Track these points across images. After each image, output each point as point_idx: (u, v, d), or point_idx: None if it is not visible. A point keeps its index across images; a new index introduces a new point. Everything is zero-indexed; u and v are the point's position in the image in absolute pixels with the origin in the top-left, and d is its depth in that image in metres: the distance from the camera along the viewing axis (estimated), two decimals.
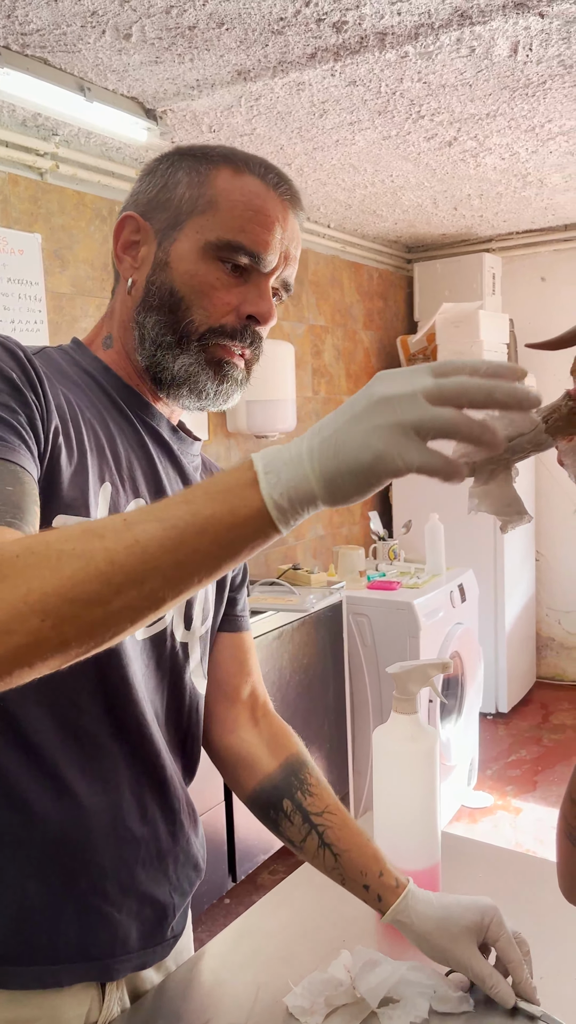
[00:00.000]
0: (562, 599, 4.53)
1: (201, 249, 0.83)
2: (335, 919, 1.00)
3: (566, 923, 0.99)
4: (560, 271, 4.30)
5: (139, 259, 0.86)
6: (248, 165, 0.85)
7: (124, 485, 0.84)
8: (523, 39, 1.90)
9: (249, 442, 3.36)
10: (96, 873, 0.82)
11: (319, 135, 2.56)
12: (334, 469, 0.55)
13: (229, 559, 0.57)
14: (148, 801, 0.86)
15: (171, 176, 0.86)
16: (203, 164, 0.85)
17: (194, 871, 0.95)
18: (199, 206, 0.83)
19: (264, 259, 0.84)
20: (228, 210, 0.83)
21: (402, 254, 4.41)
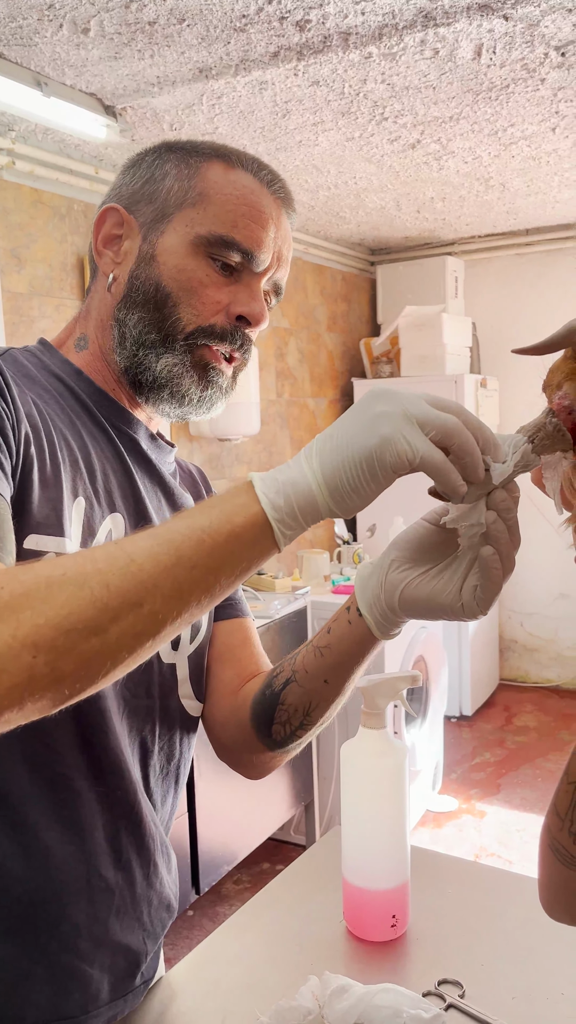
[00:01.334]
0: (525, 601, 4.56)
1: (191, 243, 0.78)
2: (302, 942, 0.97)
3: (536, 940, 0.97)
4: (522, 275, 4.33)
5: (121, 254, 0.81)
6: (241, 161, 0.81)
7: (99, 499, 0.78)
8: (487, 42, 1.89)
9: (212, 445, 3.32)
10: (68, 929, 0.76)
11: (282, 135, 2.53)
12: (337, 462, 0.54)
13: (229, 574, 0.55)
14: (124, 844, 0.80)
15: (158, 168, 0.81)
16: (193, 157, 0.81)
17: (167, 912, 0.89)
18: (189, 198, 0.79)
19: (257, 258, 0.79)
20: (220, 204, 0.78)
21: (365, 257, 4.41)
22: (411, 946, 0.96)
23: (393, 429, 0.54)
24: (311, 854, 1.18)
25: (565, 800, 0.65)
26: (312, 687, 0.82)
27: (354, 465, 0.54)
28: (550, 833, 0.65)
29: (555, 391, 0.63)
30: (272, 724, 0.85)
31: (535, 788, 3.37)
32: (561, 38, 1.89)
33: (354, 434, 0.54)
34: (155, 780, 0.87)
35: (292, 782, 2.68)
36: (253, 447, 3.58)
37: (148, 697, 0.84)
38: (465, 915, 1.02)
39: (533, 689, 4.51)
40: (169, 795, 0.91)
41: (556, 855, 0.65)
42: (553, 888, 0.67)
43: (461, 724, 4.02)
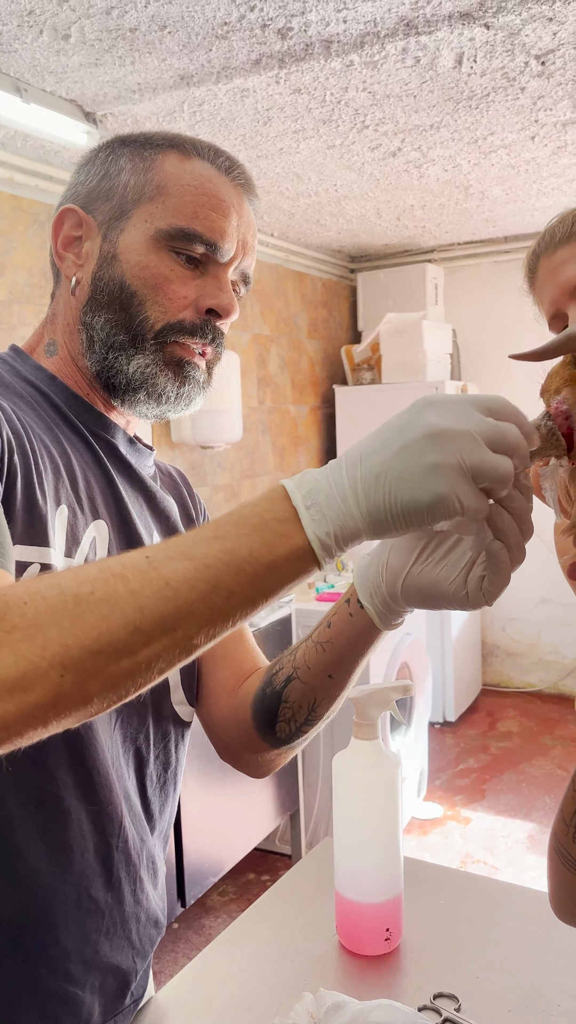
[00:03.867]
0: (506, 606, 4.58)
1: (152, 239, 0.76)
2: (295, 958, 0.96)
3: (530, 951, 0.96)
4: (501, 282, 4.35)
5: (83, 255, 0.79)
6: (196, 149, 0.79)
7: (82, 506, 0.76)
8: (468, 50, 1.90)
9: (194, 452, 3.30)
10: (58, 953, 0.74)
11: (263, 143, 2.53)
12: (385, 507, 0.52)
13: (266, 599, 0.53)
14: (115, 863, 0.78)
15: (112, 164, 0.79)
16: (147, 149, 0.79)
17: (155, 928, 0.87)
18: (146, 193, 0.77)
19: (221, 247, 0.77)
20: (179, 196, 0.76)
21: (345, 264, 4.41)
22: (405, 960, 0.95)
23: (448, 488, 0.50)
24: (300, 867, 1.16)
25: (570, 807, 0.65)
26: (316, 683, 0.80)
27: (404, 514, 0.51)
28: (556, 838, 0.66)
29: (553, 396, 0.63)
30: (276, 722, 0.83)
31: (519, 794, 3.38)
32: (541, 47, 1.90)
33: (406, 483, 0.51)
34: (152, 789, 0.85)
35: (277, 791, 2.66)
36: (235, 454, 3.57)
37: (141, 704, 0.83)
38: (457, 927, 1.02)
39: (515, 694, 4.52)
40: (167, 803, 0.90)
41: (561, 859, 0.65)
42: (560, 891, 0.67)
43: (445, 730, 4.02)
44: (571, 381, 0.62)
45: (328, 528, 0.52)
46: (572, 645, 4.38)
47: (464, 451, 0.50)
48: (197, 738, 0.92)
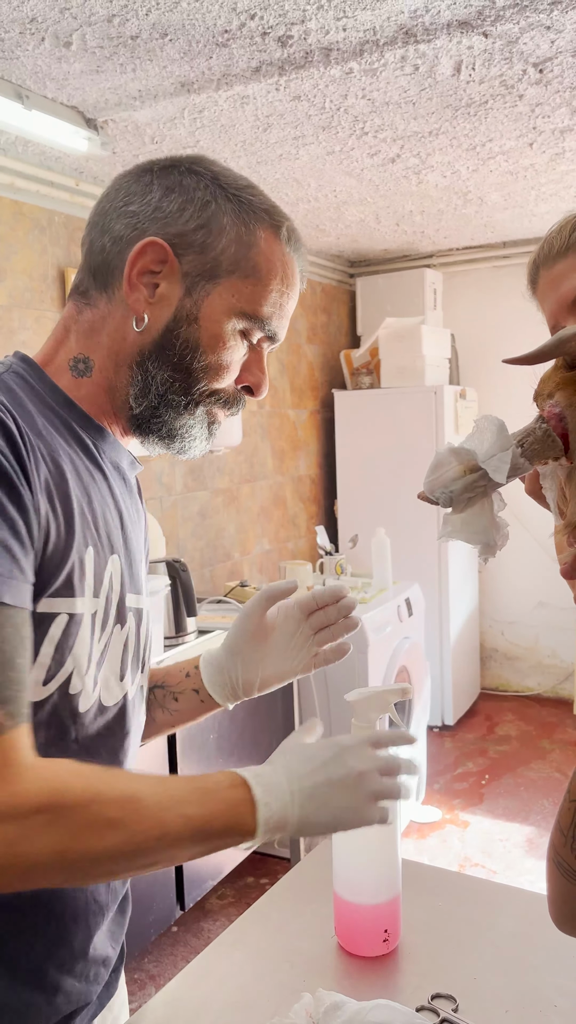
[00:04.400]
0: (505, 610, 4.59)
1: (234, 315, 0.79)
2: (293, 959, 0.96)
3: (527, 952, 0.97)
4: (500, 287, 4.37)
5: (157, 295, 0.78)
6: (288, 235, 0.82)
7: (102, 544, 0.78)
8: (466, 58, 1.92)
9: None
10: (65, 954, 0.78)
11: (263, 149, 2.55)
12: (312, 817, 0.69)
13: (201, 855, 0.68)
14: None
15: (214, 219, 0.78)
16: (251, 218, 0.79)
17: (120, 911, 0.91)
18: (242, 268, 0.78)
19: (278, 337, 0.83)
20: (267, 284, 0.79)
21: (345, 269, 4.43)
22: (403, 961, 0.96)
23: (353, 821, 0.71)
24: (299, 870, 1.17)
25: (567, 817, 0.66)
26: (162, 722, 1.00)
27: (323, 825, 0.70)
28: (554, 849, 0.66)
29: (546, 400, 0.63)
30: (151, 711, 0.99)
31: (518, 797, 3.38)
32: (539, 55, 1.91)
33: (329, 811, 0.70)
34: None
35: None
36: (234, 458, 3.58)
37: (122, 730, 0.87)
38: (455, 928, 1.02)
39: (514, 698, 4.53)
40: None
41: (560, 870, 0.66)
42: (559, 902, 0.68)
43: (443, 734, 4.03)
44: (564, 384, 0.63)
45: (273, 824, 0.68)
46: (570, 649, 4.39)
47: (367, 784, 0.71)
48: (196, 741, 0.96)
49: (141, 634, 0.87)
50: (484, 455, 0.62)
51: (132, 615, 0.84)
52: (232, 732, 2.41)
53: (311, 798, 0.69)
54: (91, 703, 0.76)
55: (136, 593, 0.86)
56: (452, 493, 0.64)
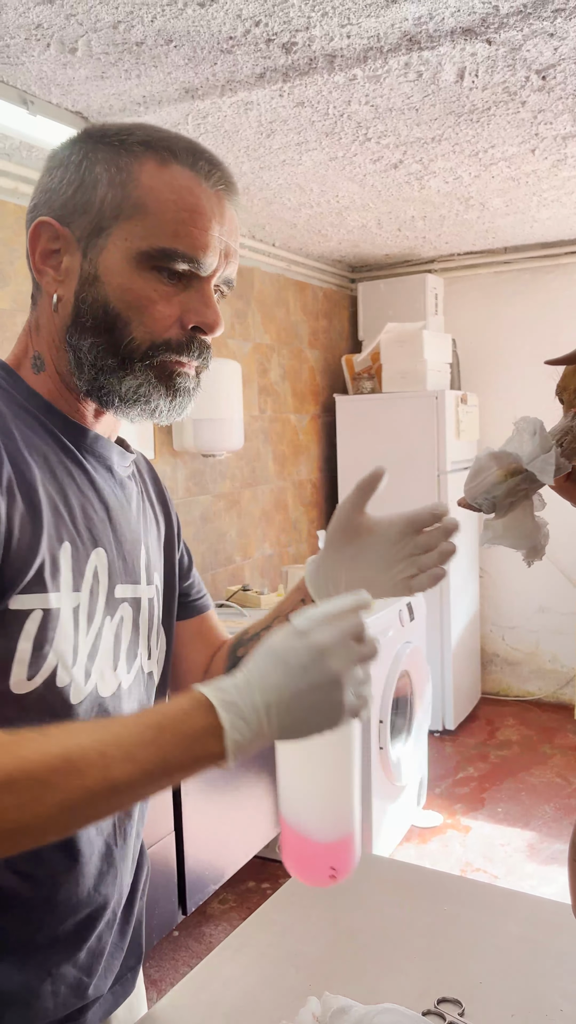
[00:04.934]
0: (505, 615, 4.59)
1: (134, 259, 0.74)
2: (299, 963, 0.96)
3: (531, 956, 0.97)
4: (501, 292, 4.38)
5: (62, 271, 0.78)
6: (174, 153, 0.75)
7: (82, 539, 0.78)
8: (469, 65, 1.93)
9: (196, 461, 3.32)
10: (76, 953, 0.79)
11: (266, 155, 2.55)
12: (289, 730, 0.65)
13: (174, 786, 0.66)
14: (115, 859, 0.83)
15: (87, 173, 0.75)
16: (123, 156, 0.75)
17: (131, 906, 0.92)
18: (125, 209, 0.74)
19: (203, 262, 0.76)
20: (158, 213, 0.74)
21: (346, 273, 4.44)
22: (409, 964, 0.96)
23: (329, 722, 0.66)
24: None
25: None
26: None
27: (299, 732, 0.66)
28: (574, 847, 0.68)
29: (573, 395, 0.65)
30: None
31: (519, 802, 3.38)
32: (542, 62, 1.92)
33: (311, 718, 0.66)
34: None
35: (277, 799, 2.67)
36: (236, 462, 3.58)
37: (140, 708, 0.87)
38: (460, 932, 1.03)
39: (515, 703, 4.52)
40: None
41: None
42: None
43: (444, 739, 4.02)
44: None
45: (244, 744, 0.63)
46: (570, 654, 4.39)
47: (340, 685, 0.66)
48: None
49: (141, 622, 0.86)
50: (528, 457, 0.63)
51: (127, 605, 0.84)
52: None
53: (289, 711, 0.64)
54: (84, 695, 0.76)
55: (132, 583, 0.85)
56: (495, 499, 0.64)
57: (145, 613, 0.88)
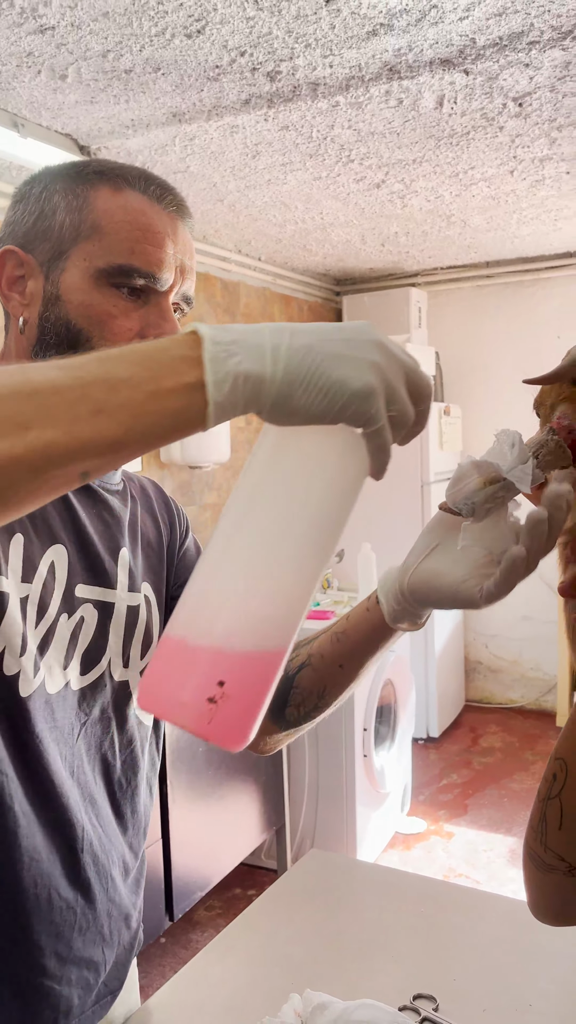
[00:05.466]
0: (488, 623, 4.65)
1: (92, 277, 0.78)
2: (284, 964, 1.01)
3: (505, 955, 1.02)
4: (483, 306, 4.46)
5: (27, 295, 0.81)
6: (127, 179, 0.81)
7: (37, 532, 0.80)
8: (448, 93, 1.99)
9: (183, 472, 3.36)
10: (33, 950, 0.79)
11: (252, 174, 2.61)
12: (306, 377, 0.50)
13: (138, 438, 0.49)
14: (82, 863, 0.83)
15: (47, 202, 0.81)
16: (79, 185, 0.81)
17: (124, 922, 0.92)
18: (82, 232, 0.79)
19: (160, 277, 0.80)
20: (113, 233, 0.78)
21: (331, 287, 4.50)
22: (388, 963, 1.01)
23: (380, 384, 0.52)
24: (286, 879, 1.22)
25: (537, 815, 0.72)
26: (327, 672, 0.86)
27: (322, 394, 0.50)
28: (528, 844, 0.72)
29: (549, 410, 0.69)
30: (286, 707, 0.89)
31: (501, 809, 3.43)
32: (518, 90, 1.99)
33: (340, 365, 0.51)
34: (122, 793, 0.90)
35: (263, 807, 2.71)
36: (223, 473, 3.63)
37: (103, 715, 0.88)
38: (437, 933, 1.07)
39: (498, 710, 4.58)
40: (138, 804, 0.94)
41: (533, 862, 0.72)
42: (535, 892, 0.74)
43: (428, 746, 4.07)
44: (571, 398, 0.69)
45: (229, 372, 0.49)
46: (553, 662, 4.45)
47: (403, 364, 0.54)
48: (185, 754, 0.97)
49: (112, 628, 0.87)
50: (507, 467, 0.68)
51: (90, 607, 0.85)
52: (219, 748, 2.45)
53: (305, 352, 0.51)
54: (33, 688, 0.77)
55: (100, 586, 0.86)
56: (474, 504, 0.69)
57: (122, 619, 0.88)
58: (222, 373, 0.49)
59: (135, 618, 0.90)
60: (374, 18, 1.61)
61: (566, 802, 0.69)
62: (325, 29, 1.66)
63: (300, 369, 0.50)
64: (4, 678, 0.75)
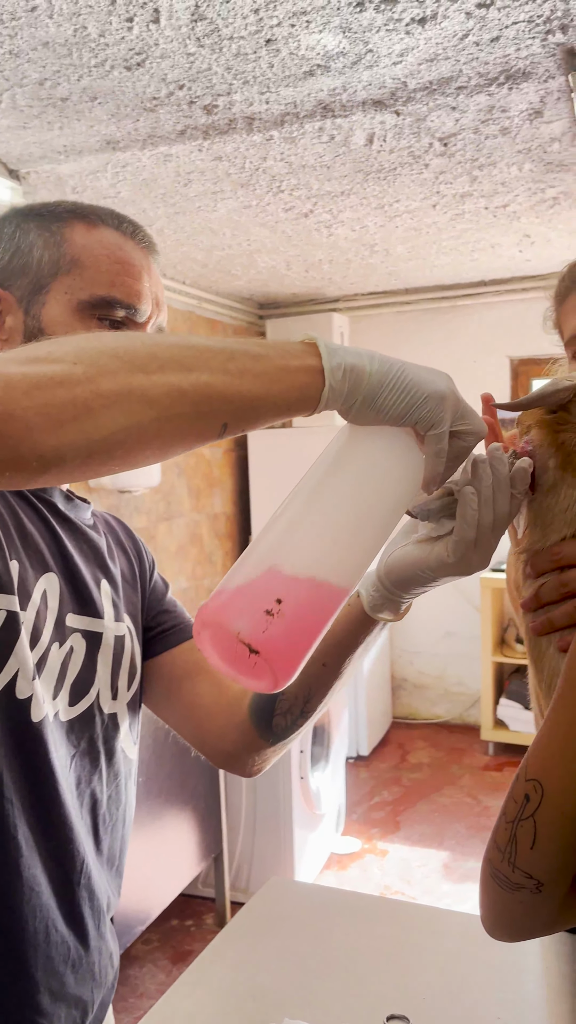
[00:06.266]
0: (414, 640, 4.75)
1: (75, 310, 0.81)
2: (256, 993, 1.01)
3: (468, 971, 1.05)
4: (403, 330, 4.58)
5: (6, 330, 0.83)
6: (100, 217, 0.84)
7: (32, 561, 0.81)
8: (378, 131, 2.06)
9: (112, 496, 3.33)
10: (27, 985, 0.78)
11: (182, 201, 2.63)
12: (392, 378, 0.63)
13: (271, 402, 0.60)
14: (78, 898, 0.83)
15: (22, 239, 0.83)
16: (53, 222, 0.83)
17: (110, 961, 0.92)
18: (62, 266, 0.81)
19: (139, 309, 0.83)
20: (93, 266, 0.81)
21: (254, 311, 4.55)
22: (358, 985, 1.02)
23: (448, 392, 0.64)
24: (250, 908, 1.22)
25: (504, 836, 0.74)
26: (311, 672, 0.86)
27: (403, 391, 0.63)
28: (491, 864, 0.74)
29: (525, 430, 0.75)
30: (273, 716, 0.89)
31: (432, 823, 3.50)
32: (444, 131, 2.08)
33: (419, 377, 0.64)
34: (104, 828, 0.90)
35: (202, 835, 2.68)
36: (152, 497, 3.61)
37: (92, 748, 0.87)
38: (402, 952, 1.10)
39: (424, 725, 4.67)
40: (119, 840, 0.93)
41: (496, 881, 0.74)
42: (495, 912, 0.75)
43: (359, 764, 4.12)
44: (540, 425, 0.74)
45: (340, 363, 0.61)
46: (476, 676, 4.57)
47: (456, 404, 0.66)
48: None
49: (101, 658, 0.87)
50: (460, 484, 0.73)
51: (79, 636, 0.85)
52: (159, 774, 2.42)
53: (389, 370, 0.63)
54: (44, 714, 0.78)
55: (88, 616, 0.87)
56: (430, 511, 0.75)
57: (110, 650, 0.89)
58: (335, 362, 0.61)
59: (121, 648, 0.90)
60: (312, 59, 1.67)
61: (541, 822, 0.72)
62: (264, 67, 1.70)
63: (391, 370, 0.63)
64: (18, 702, 0.75)
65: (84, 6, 1.45)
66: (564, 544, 0.77)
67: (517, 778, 0.71)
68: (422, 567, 0.76)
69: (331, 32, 1.56)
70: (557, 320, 1.02)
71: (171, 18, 1.50)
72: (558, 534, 0.77)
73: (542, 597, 0.80)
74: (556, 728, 0.69)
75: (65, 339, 0.57)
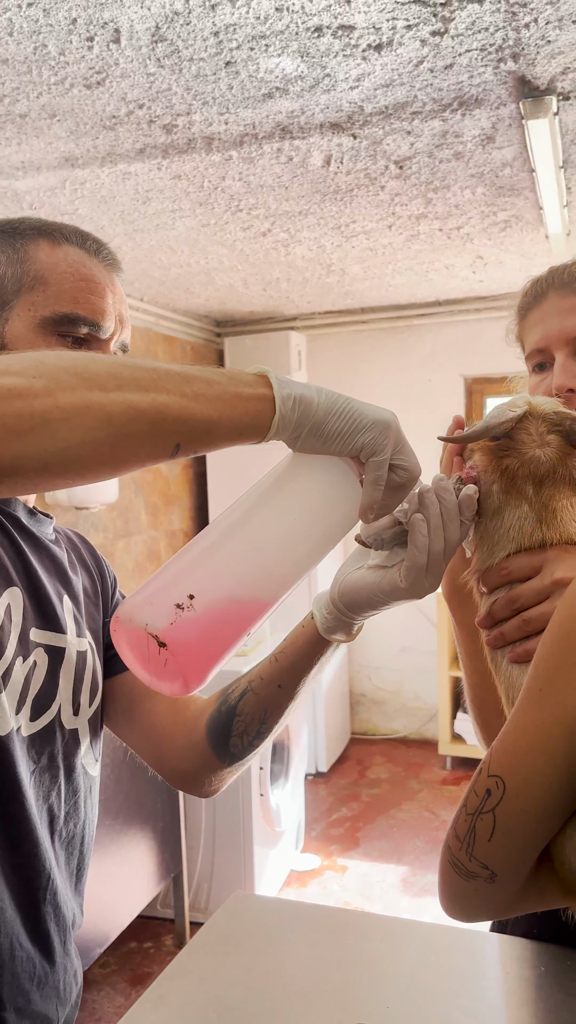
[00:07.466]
0: (371, 655, 4.77)
1: (38, 326, 0.82)
2: (220, 1008, 1.01)
3: (430, 979, 1.06)
4: (359, 349, 4.64)
5: None
6: (64, 235, 0.85)
7: None
8: (336, 154, 2.10)
9: (69, 513, 3.30)
10: None
11: (140, 219, 2.64)
12: (338, 409, 0.67)
13: (224, 426, 0.62)
14: (43, 914, 0.82)
15: None
16: (16, 240, 0.84)
17: (74, 979, 0.92)
18: (25, 283, 0.82)
19: (103, 326, 0.84)
20: (57, 283, 0.82)
21: (212, 328, 4.57)
22: (322, 997, 1.03)
23: (389, 423, 0.68)
24: (213, 923, 1.21)
25: (464, 826, 0.76)
26: (266, 693, 0.89)
27: (347, 420, 0.67)
28: (451, 852, 0.77)
29: (469, 453, 0.78)
30: (230, 738, 0.91)
31: (391, 839, 3.51)
32: (400, 154, 2.12)
33: (362, 408, 0.68)
34: (60, 844, 0.89)
35: (160, 855, 2.65)
36: (109, 514, 3.59)
37: (52, 764, 0.87)
38: (365, 962, 1.10)
39: (382, 741, 4.69)
40: (74, 857, 0.93)
41: (454, 868, 0.76)
42: (452, 896, 0.79)
43: (318, 781, 4.12)
44: (485, 452, 0.77)
45: (290, 393, 0.65)
46: (432, 691, 4.61)
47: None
48: None
49: (63, 673, 0.87)
50: (409, 513, 0.76)
51: (42, 651, 0.85)
52: (118, 793, 2.39)
53: (336, 400, 0.67)
54: (10, 727, 0.78)
55: (51, 631, 0.87)
56: (383, 540, 0.78)
57: (72, 666, 0.89)
58: (285, 392, 0.65)
59: (84, 664, 0.91)
60: (271, 82, 1.70)
61: (500, 817, 0.74)
62: (223, 89, 1.72)
63: (338, 400, 0.67)
64: None
65: (44, 25, 1.46)
66: (511, 560, 0.82)
67: (480, 772, 0.74)
68: (375, 591, 0.80)
69: (289, 56, 1.59)
70: (519, 333, 1.05)
71: (132, 39, 1.51)
72: (504, 551, 0.81)
73: (495, 615, 0.84)
74: (520, 728, 0.71)
75: (26, 354, 0.58)
